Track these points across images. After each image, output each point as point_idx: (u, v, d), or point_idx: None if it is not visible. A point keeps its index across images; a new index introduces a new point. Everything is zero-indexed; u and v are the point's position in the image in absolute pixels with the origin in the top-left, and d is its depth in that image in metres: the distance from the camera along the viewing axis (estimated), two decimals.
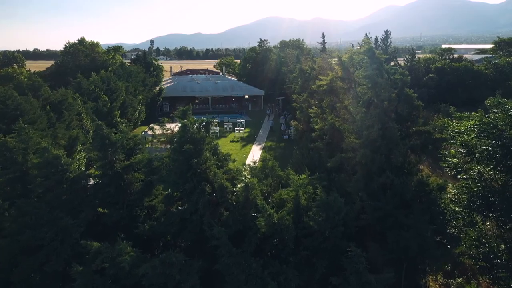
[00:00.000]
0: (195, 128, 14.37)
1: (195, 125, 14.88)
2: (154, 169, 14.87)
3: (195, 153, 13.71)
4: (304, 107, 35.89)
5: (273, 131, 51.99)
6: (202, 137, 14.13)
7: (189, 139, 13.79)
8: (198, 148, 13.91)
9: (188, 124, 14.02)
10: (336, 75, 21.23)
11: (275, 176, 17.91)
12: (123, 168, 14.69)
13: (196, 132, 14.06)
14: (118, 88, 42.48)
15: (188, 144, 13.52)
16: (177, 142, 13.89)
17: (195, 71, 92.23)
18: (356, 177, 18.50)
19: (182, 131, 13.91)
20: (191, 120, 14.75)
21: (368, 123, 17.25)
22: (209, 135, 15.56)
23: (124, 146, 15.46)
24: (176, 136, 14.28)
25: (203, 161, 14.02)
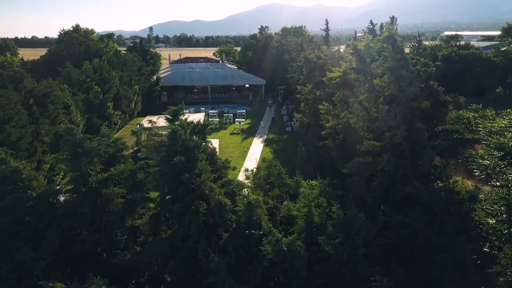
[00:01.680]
0: (187, 134, 11.69)
1: (189, 128, 12.20)
2: (138, 183, 12.23)
3: (188, 165, 11.07)
4: (310, 99, 33.13)
5: (275, 122, 49.27)
6: (196, 145, 11.47)
7: (180, 148, 11.14)
8: (192, 158, 11.27)
9: (179, 130, 11.33)
10: (350, 66, 18.47)
11: (282, 185, 15.27)
12: (100, 181, 12.04)
13: (189, 139, 11.38)
14: (111, 78, 39.65)
15: (179, 154, 10.86)
16: (165, 151, 11.23)
17: (194, 59, 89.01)
18: (376, 185, 15.87)
19: (172, 139, 11.26)
20: (183, 122, 12.06)
21: (392, 123, 14.54)
22: (205, 142, 12.88)
23: (101, 155, 12.77)
24: (165, 143, 11.62)
25: (198, 174, 11.37)
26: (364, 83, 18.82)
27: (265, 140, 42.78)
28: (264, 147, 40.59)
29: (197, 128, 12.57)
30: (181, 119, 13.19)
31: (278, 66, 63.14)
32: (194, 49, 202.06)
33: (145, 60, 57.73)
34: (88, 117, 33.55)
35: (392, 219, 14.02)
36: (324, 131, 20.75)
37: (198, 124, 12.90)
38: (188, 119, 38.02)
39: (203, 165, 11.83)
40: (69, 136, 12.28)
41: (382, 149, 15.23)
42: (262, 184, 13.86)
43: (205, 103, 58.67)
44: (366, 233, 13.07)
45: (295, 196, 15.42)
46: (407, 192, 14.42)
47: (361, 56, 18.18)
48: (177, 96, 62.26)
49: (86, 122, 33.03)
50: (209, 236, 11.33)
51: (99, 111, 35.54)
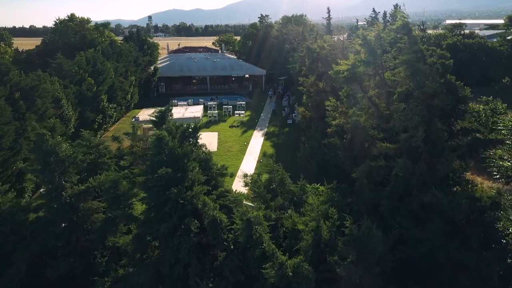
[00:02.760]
0: (176, 140, 10.00)
1: (178, 133, 10.49)
2: (121, 196, 10.57)
3: (176, 177, 9.41)
4: (312, 91, 31.33)
5: (275, 115, 47.49)
6: (186, 153, 9.81)
7: (166, 157, 9.47)
8: (181, 168, 9.61)
9: (165, 136, 9.65)
10: (359, 58, 16.71)
11: (285, 192, 13.62)
12: (77, 195, 10.40)
13: (178, 146, 9.70)
14: (106, 69, 37.80)
15: (165, 165, 9.20)
16: (150, 161, 9.57)
17: (193, 48, 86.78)
18: (389, 191, 14.21)
19: (157, 147, 9.60)
20: (171, 126, 10.36)
21: (409, 123, 12.83)
22: (196, 148, 11.19)
23: (78, 164, 11.08)
24: (149, 152, 9.95)
25: (188, 186, 9.72)
26: (374, 76, 17.08)
27: (266, 134, 41.08)
28: (264, 141, 38.91)
29: (187, 132, 10.86)
30: (169, 122, 11.47)
31: (279, 56, 61.11)
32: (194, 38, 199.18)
33: (142, 50, 55.77)
34: (81, 110, 31.80)
35: (409, 232, 12.39)
36: (330, 128, 19.03)
37: (189, 127, 11.18)
38: (185, 113, 36.09)
39: (195, 175, 10.17)
40: (40, 142, 10.58)
41: (397, 152, 13.56)
42: (262, 193, 12.21)
43: (204, 94, 56.82)
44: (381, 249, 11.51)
45: (299, 204, 13.81)
46: (425, 201, 12.78)
47: (371, 47, 16.41)
48: (175, 87, 60.46)
49: (78, 116, 31.29)
50: (202, 258, 9.73)
51: (92, 104, 33.77)
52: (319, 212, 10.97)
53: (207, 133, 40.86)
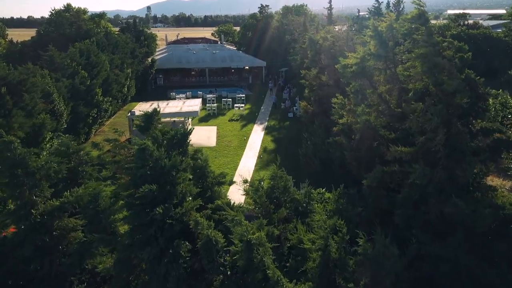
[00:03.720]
0: (162, 149, 8.56)
1: (165, 140, 9.05)
2: (100, 214, 9.16)
3: (163, 193, 8.01)
4: (315, 84, 29.80)
5: (276, 108, 45.96)
6: (174, 165, 8.40)
7: (151, 171, 8.05)
8: (169, 182, 8.20)
9: (149, 147, 8.23)
10: (369, 51, 15.21)
11: (289, 201, 12.22)
12: (50, 212, 8.99)
13: (164, 157, 8.28)
14: (100, 62, 36.19)
15: (149, 181, 7.80)
16: (132, 176, 8.16)
17: (192, 39, 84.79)
18: (403, 198, 12.81)
19: (140, 159, 8.19)
20: (156, 134, 8.92)
21: (427, 126, 11.37)
22: (186, 157, 9.75)
23: (52, 176, 9.64)
24: (132, 164, 8.53)
25: (178, 203, 8.32)
26: (385, 71, 15.57)
27: (266, 128, 39.63)
28: (265, 135, 37.47)
29: (176, 139, 9.41)
30: (155, 128, 10.01)
31: (279, 47, 59.36)
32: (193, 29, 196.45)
33: (139, 42, 54.00)
34: (74, 105, 30.28)
35: (428, 248, 11.01)
36: (336, 127, 17.57)
37: (177, 133, 9.71)
38: (183, 107, 34.56)
39: (185, 188, 8.75)
40: (6, 152, 9.13)
41: (413, 156, 12.12)
42: (264, 203, 10.80)
43: (203, 86, 55.21)
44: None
45: (305, 214, 12.41)
46: (445, 212, 11.38)
47: (382, 39, 14.88)
48: (173, 79, 58.84)
49: (71, 111, 29.78)
50: (194, 285, 8.36)
51: (86, 98, 32.24)
52: (327, 230, 9.56)
53: (205, 127, 39.43)
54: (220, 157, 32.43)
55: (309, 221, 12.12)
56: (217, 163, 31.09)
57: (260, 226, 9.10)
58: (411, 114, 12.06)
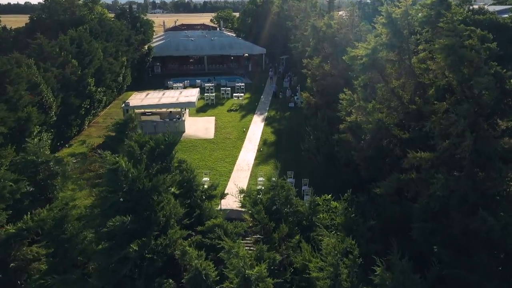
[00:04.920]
0: (141, 168, 6.95)
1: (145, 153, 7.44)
2: (65, 244, 7.57)
3: (142, 223, 6.45)
4: (318, 74, 28.06)
5: (276, 97, 44.15)
6: (155, 186, 6.80)
7: (126, 196, 6.47)
8: (149, 207, 6.62)
9: (122, 165, 6.62)
10: (381, 41, 13.50)
11: (292, 214, 10.67)
12: (4, 241, 7.44)
13: (143, 176, 6.69)
14: (93, 50, 34.29)
15: (123, 209, 6.23)
16: (101, 202, 6.58)
17: (191, 26, 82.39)
18: (420, 209, 11.25)
19: (111, 181, 6.59)
20: (133, 145, 7.31)
21: (452, 130, 9.74)
22: (171, 173, 8.14)
23: (5, 197, 8.02)
24: (102, 188, 6.92)
25: (161, 231, 6.76)
26: (398, 63, 13.87)
27: (266, 118, 37.95)
28: (265, 127, 35.82)
29: (159, 151, 7.79)
30: (131, 138, 8.37)
31: (280, 34, 57.21)
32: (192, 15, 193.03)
33: (135, 28, 51.87)
34: (64, 96, 28.55)
35: (453, 271, 9.50)
36: (343, 124, 15.93)
37: (159, 143, 8.06)
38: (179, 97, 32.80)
39: (170, 211, 7.17)
40: None
41: (434, 163, 10.53)
42: (264, 220, 9.23)
43: (201, 74, 53.28)
44: None
45: (309, 228, 10.88)
46: (472, 228, 9.84)
47: (397, 28, 13.15)
48: (171, 67, 56.90)
49: (61, 103, 28.07)
50: None
51: (77, 89, 30.50)
52: (337, 256, 8.02)
53: (203, 118, 37.78)
54: (219, 150, 30.88)
55: (314, 235, 10.61)
56: (215, 157, 29.57)
57: (260, 253, 7.57)
58: (433, 115, 10.39)
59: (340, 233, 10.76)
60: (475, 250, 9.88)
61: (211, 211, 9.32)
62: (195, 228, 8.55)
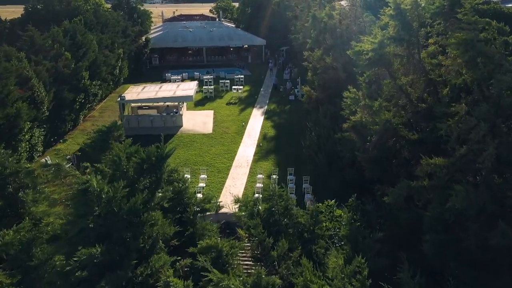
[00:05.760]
0: (119, 188, 5.93)
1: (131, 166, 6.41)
2: (30, 273, 6.56)
3: (118, 252, 5.47)
4: (319, 67, 26.95)
5: (276, 90, 42.98)
6: (137, 210, 5.79)
7: (98, 222, 5.47)
8: (128, 232, 5.63)
9: (93, 185, 5.62)
10: (388, 35, 12.41)
11: (292, 225, 9.70)
12: None
13: (122, 196, 5.69)
14: (87, 42, 33.09)
15: (94, 239, 5.23)
16: (69, 228, 5.58)
17: (190, 16, 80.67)
18: (431, 219, 10.28)
19: (80, 204, 5.56)
20: (120, 154, 6.28)
21: (473, 136, 8.72)
22: (161, 189, 7.12)
23: None
24: (70, 211, 5.91)
25: (142, 259, 5.78)
26: (407, 58, 12.79)
27: (266, 112, 36.88)
28: (264, 121, 34.79)
29: (148, 163, 6.78)
30: (116, 146, 7.33)
31: (280, 25, 55.80)
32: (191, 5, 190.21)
33: (132, 19, 50.51)
34: (57, 90, 27.48)
35: None
36: (346, 123, 14.90)
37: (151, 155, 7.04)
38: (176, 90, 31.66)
39: (157, 231, 6.18)
40: None
41: (449, 171, 9.52)
42: (261, 236, 8.25)
43: (200, 66, 52.03)
44: None
45: (311, 241, 9.92)
46: (491, 243, 8.88)
47: (406, 20, 12.04)
48: (169, 59, 55.63)
49: (53, 97, 27.00)
50: None
51: (71, 83, 29.38)
52: (344, 279, 7.05)
53: (202, 111, 36.73)
54: (217, 145, 29.91)
55: (317, 248, 9.65)
56: (213, 152, 28.63)
57: (257, 279, 6.58)
58: (449, 118, 9.36)
59: (345, 246, 9.85)
60: (495, 266, 8.93)
61: (205, 229, 8.34)
62: (185, 249, 7.60)
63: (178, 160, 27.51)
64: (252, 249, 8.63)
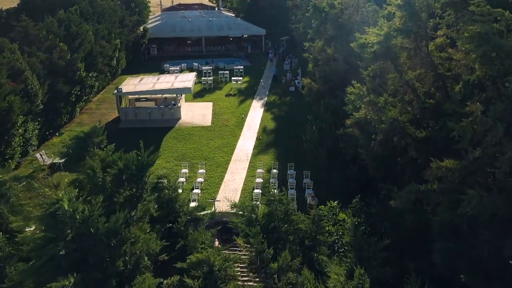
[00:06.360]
0: (96, 207, 5.21)
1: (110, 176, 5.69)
2: None
3: (94, 277, 4.80)
4: (320, 59, 26.14)
5: (276, 81, 42.09)
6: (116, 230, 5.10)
7: (70, 246, 4.78)
8: (106, 255, 4.96)
9: (64, 208, 4.91)
10: (395, 26, 11.64)
11: (293, 232, 9.06)
12: None
13: (97, 217, 4.99)
14: (82, 33, 32.17)
15: (67, 265, 4.56)
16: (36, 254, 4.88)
17: (188, 5, 79.32)
18: (441, 224, 9.62)
19: (49, 227, 4.84)
20: (96, 163, 5.54)
21: (491, 139, 8.01)
22: (144, 201, 6.43)
23: None
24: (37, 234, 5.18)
25: (122, 284, 5.13)
26: (415, 51, 12.02)
27: (266, 104, 36.13)
28: (264, 113, 34.08)
29: (128, 174, 6.08)
30: (95, 156, 6.59)
31: (280, 14, 54.73)
32: None
33: (129, 9, 49.38)
34: (51, 83, 26.70)
35: None
36: (350, 119, 14.18)
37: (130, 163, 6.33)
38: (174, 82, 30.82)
39: (140, 249, 5.53)
40: None
41: (461, 174, 8.84)
42: (260, 246, 7.60)
43: (199, 56, 51.08)
44: None
45: (313, 248, 9.28)
46: (506, 253, 8.24)
47: (414, 11, 11.25)
48: (168, 49, 54.65)
49: (48, 90, 26.24)
50: None
51: (66, 75, 28.59)
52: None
53: (200, 103, 35.98)
54: (216, 138, 29.23)
55: (318, 256, 9.02)
56: (212, 146, 27.98)
57: None
58: (462, 117, 8.64)
59: (349, 254, 9.24)
60: (511, 277, 8.31)
61: (196, 241, 7.68)
62: (174, 264, 6.96)
63: (176, 154, 26.89)
64: (250, 260, 8.02)
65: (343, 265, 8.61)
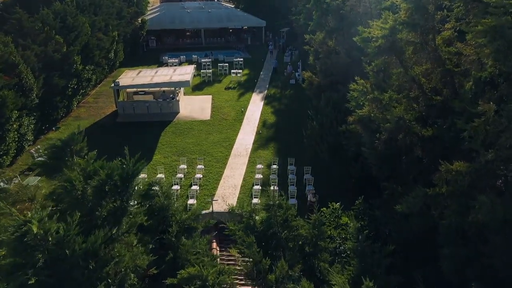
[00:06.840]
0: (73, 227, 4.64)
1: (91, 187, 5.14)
2: None
3: None
4: (321, 51, 25.46)
5: (276, 73, 41.36)
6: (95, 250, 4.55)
7: (41, 273, 4.22)
8: (81, 278, 4.43)
9: (33, 231, 4.35)
10: (400, 20, 11.01)
11: (292, 238, 8.55)
12: None
13: (73, 237, 4.43)
14: (79, 25, 31.44)
15: None
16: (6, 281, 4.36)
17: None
18: (448, 228, 9.10)
19: (17, 252, 4.31)
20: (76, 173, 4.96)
21: (504, 141, 7.45)
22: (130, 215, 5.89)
23: None
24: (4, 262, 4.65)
25: None
26: (421, 46, 11.40)
27: (266, 97, 35.49)
28: (264, 106, 33.46)
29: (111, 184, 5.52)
30: (74, 166, 6.02)
31: (280, 5, 53.75)
32: None
33: (127, 0, 48.49)
34: (47, 76, 26.08)
35: None
36: (352, 116, 13.60)
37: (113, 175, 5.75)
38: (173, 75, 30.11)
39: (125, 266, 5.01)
40: None
41: (471, 177, 8.29)
42: (257, 256, 7.08)
43: (198, 49, 50.26)
44: None
45: (314, 254, 8.77)
46: None
47: (421, 3, 10.61)
48: (167, 41, 53.82)
49: (43, 84, 25.63)
50: None
51: (62, 68, 27.93)
52: None
53: (199, 97, 35.35)
54: (215, 132, 28.68)
55: (319, 263, 8.52)
56: (211, 140, 27.44)
57: None
58: (474, 117, 8.07)
59: (352, 261, 8.74)
60: None
61: (188, 253, 7.15)
62: (164, 280, 6.45)
63: (174, 149, 26.37)
64: (246, 270, 7.53)
65: (346, 273, 8.13)
